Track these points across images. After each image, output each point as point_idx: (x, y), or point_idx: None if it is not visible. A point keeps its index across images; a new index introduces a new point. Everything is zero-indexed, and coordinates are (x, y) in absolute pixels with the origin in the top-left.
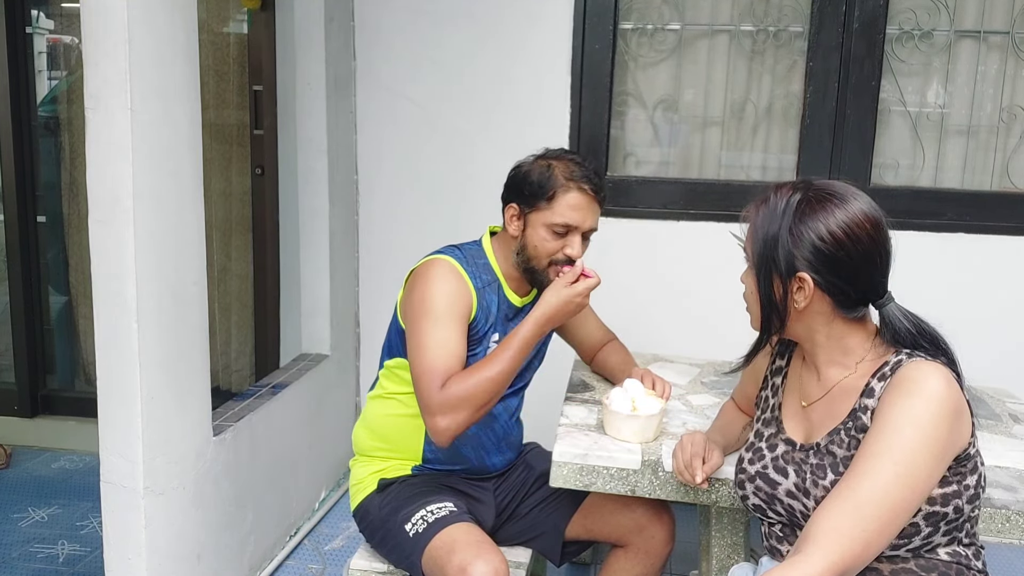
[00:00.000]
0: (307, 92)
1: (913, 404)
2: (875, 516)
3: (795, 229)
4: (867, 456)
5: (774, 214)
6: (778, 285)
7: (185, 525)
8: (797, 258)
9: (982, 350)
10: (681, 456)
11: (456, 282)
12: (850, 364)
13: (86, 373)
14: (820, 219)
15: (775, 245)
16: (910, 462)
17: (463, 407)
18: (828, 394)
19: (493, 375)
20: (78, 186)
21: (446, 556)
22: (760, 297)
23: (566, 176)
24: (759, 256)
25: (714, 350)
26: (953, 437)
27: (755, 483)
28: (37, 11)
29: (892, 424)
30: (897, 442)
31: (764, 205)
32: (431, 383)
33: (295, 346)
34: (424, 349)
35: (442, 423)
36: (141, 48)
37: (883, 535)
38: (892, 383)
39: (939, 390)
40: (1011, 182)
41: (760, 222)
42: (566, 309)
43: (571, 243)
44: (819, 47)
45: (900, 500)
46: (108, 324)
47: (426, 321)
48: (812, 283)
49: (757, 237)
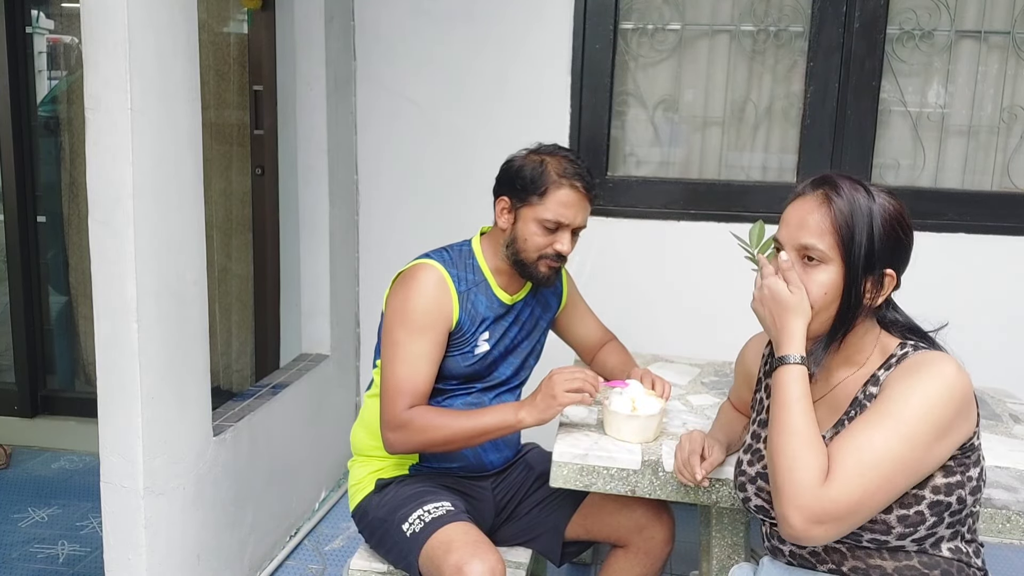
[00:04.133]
0: (307, 92)
1: (922, 380)
2: (874, 463)
3: (884, 223)
4: (868, 414)
5: (863, 211)
6: (866, 282)
7: (185, 525)
8: (887, 252)
9: (982, 350)
10: (680, 455)
11: (437, 291)
12: (859, 362)
13: (86, 373)
14: (903, 216)
15: (870, 242)
16: (913, 424)
17: (415, 437)
18: (831, 392)
19: (455, 428)
20: (78, 186)
21: (443, 555)
22: (844, 295)
23: (559, 173)
24: (851, 254)
25: (714, 350)
26: (959, 422)
27: (756, 484)
28: (37, 11)
29: (896, 394)
30: (901, 406)
31: (838, 197)
32: (395, 399)
33: (295, 346)
34: (395, 362)
35: (391, 438)
36: (141, 48)
37: (881, 491)
38: (901, 367)
39: (951, 372)
40: (1011, 182)
41: (846, 217)
42: (542, 397)
43: (561, 239)
44: (819, 47)
45: (900, 457)
46: (108, 324)
47: (402, 332)
48: (895, 278)
49: (845, 233)
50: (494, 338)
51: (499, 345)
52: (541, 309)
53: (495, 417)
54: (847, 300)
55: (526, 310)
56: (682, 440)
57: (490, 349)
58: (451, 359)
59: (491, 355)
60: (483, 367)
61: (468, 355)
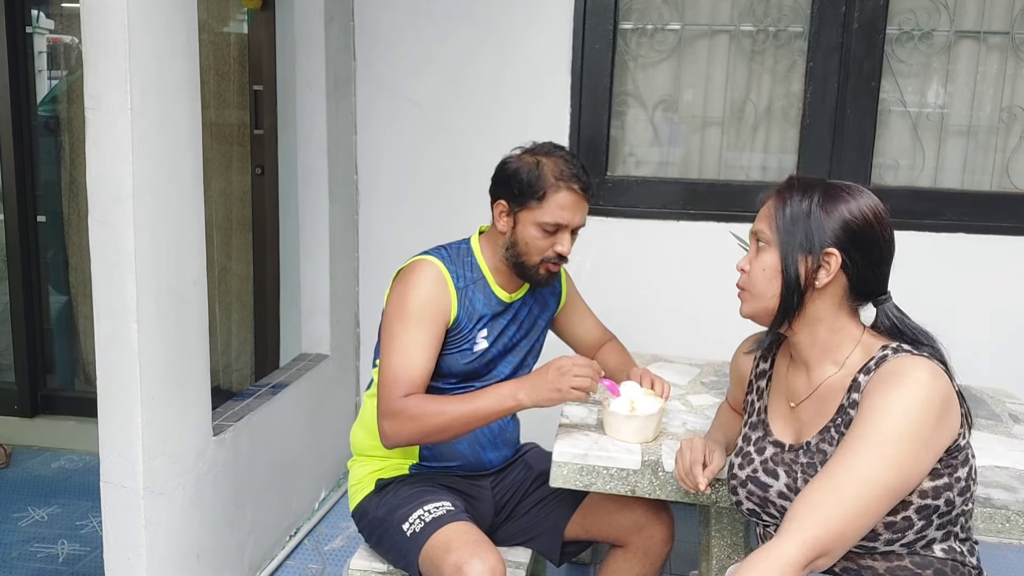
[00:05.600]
0: (307, 92)
1: (897, 392)
2: (854, 495)
3: (827, 206)
4: (848, 440)
5: (804, 196)
6: (804, 261)
7: (185, 525)
8: (828, 233)
9: (982, 350)
10: (681, 464)
11: (435, 286)
12: (840, 359)
13: (86, 373)
14: (851, 200)
15: (806, 220)
16: (892, 444)
17: (410, 425)
18: (816, 392)
19: (451, 414)
20: (78, 186)
21: (442, 555)
22: (784, 273)
23: (556, 175)
24: (786, 232)
25: (714, 350)
26: (941, 428)
27: (747, 488)
28: (37, 11)
29: (874, 411)
30: (878, 426)
31: (788, 190)
32: (392, 387)
33: (295, 346)
34: (393, 352)
35: (387, 427)
36: (141, 48)
37: (864, 516)
38: (877, 375)
39: (924, 380)
40: (1011, 182)
41: (789, 203)
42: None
43: (561, 240)
44: (819, 47)
45: (882, 481)
46: (108, 324)
47: (399, 323)
48: (839, 260)
49: (783, 215)
50: (492, 336)
51: (497, 343)
52: (540, 308)
53: (492, 399)
54: (786, 279)
55: (524, 309)
56: (683, 447)
57: (488, 347)
58: (450, 357)
59: (489, 353)
60: (481, 365)
61: (467, 352)
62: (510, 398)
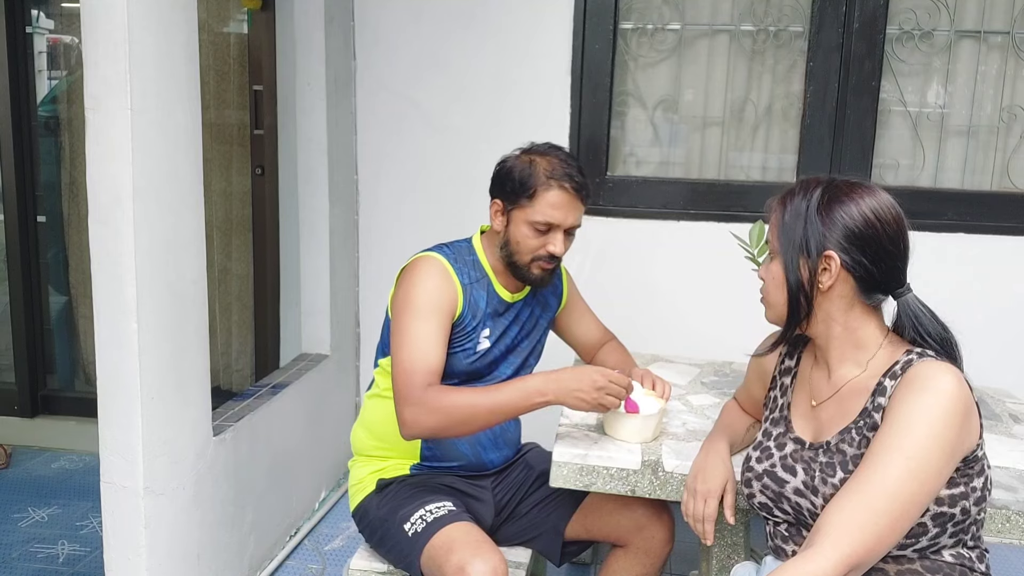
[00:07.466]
0: (307, 92)
1: (925, 400)
2: (887, 510)
3: (823, 210)
4: (879, 451)
5: (802, 200)
6: (804, 265)
7: (185, 525)
8: (826, 237)
9: (982, 350)
10: (695, 507)
11: (441, 279)
12: (862, 361)
13: (86, 373)
14: (849, 202)
15: (804, 226)
16: (922, 457)
17: (434, 415)
18: (838, 393)
19: (477, 405)
20: (78, 186)
21: (444, 556)
22: (787, 280)
23: (547, 174)
24: (786, 239)
25: (714, 350)
26: (963, 437)
27: (762, 481)
28: (37, 11)
29: (904, 420)
30: (909, 437)
31: (790, 195)
32: (411, 377)
33: (295, 346)
34: (405, 344)
35: (407, 415)
36: (141, 48)
37: (894, 530)
38: (904, 380)
39: (951, 388)
40: (1011, 182)
41: (788, 209)
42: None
43: (553, 240)
44: (819, 47)
45: (911, 495)
46: (108, 324)
47: (408, 315)
48: (839, 262)
49: (784, 222)
50: (495, 335)
51: (500, 343)
52: (541, 309)
53: (519, 392)
54: (789, 285)
55: (526, 310)
56: (698, 493)
57: (491, 347)
58: (453, 356)
59: (492, 353)
60: (484, 365)
61: (470, 352)
62: (537, 394)
